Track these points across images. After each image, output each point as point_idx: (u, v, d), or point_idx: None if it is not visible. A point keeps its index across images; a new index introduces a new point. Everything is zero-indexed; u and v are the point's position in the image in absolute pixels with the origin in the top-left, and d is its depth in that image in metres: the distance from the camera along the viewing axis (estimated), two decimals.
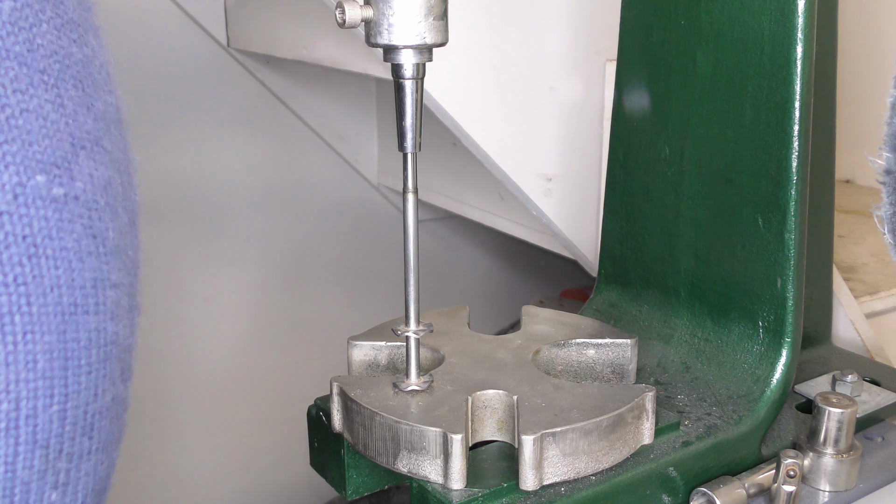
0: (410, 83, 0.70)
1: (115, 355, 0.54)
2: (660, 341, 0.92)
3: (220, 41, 1.75)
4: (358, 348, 0.85)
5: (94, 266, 0.51)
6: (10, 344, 0.47)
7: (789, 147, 0.80)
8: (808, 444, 0.82)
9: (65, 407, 0.50)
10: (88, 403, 0.52)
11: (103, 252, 0.51)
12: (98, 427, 0.54)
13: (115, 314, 0.53)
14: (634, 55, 0.93)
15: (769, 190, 0.82)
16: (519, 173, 1.25)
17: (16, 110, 0.46)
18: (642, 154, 0.93)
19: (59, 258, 0.49)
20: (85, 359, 0.51)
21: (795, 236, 0.81)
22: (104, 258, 0.51)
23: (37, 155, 0.47)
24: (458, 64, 1.16)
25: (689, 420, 0.82)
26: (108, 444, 0.56)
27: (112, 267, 0.52)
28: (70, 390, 0.50)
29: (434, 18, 0.68)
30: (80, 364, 0.51)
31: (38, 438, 0.49)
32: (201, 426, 1.95)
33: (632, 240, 0.96)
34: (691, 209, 0.89)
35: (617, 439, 0.73)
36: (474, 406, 0.74)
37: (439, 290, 2.06)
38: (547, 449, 0.69)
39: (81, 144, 0.49)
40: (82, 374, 0.51)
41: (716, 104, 0.85)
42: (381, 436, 0.72)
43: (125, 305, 0.54)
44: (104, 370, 0.53)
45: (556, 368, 0.85)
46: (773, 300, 0.83)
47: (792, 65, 0.78)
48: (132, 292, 0.56)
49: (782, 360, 0.83)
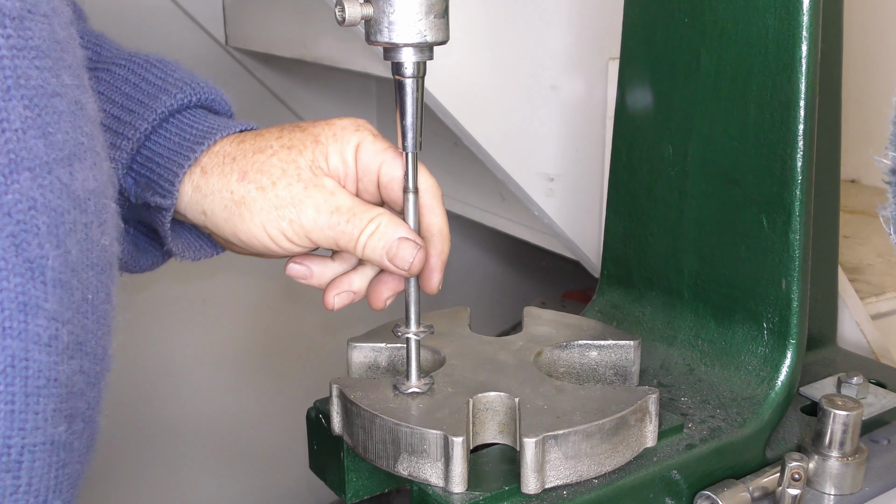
0: (411, 82, 0.70)
1: (51, 394, 0.52)
2: (663, 343, 0.92)
3: (219, 39, 1.75)
4: (358, 350, 0.85)
5: (20, 289, 0.49)
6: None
7: (794, 146, 0.80)
8: (814, 446, 0.82)
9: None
10: (12, 437, 0.49)
11: (37, 278, 0.50)
12: (29, 467, 0.51)
13: (50, 347, 0.51)
14: (638, 53, 0.93)
15: (774, 190, 0.82)
16: (520, 173, 1.25)
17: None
18: (645, 153, 0.93)
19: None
20: (3, 385, 0.49)
21: (800, 237, 0.81)
22: (36, 284, 0.50)
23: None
24: (460, 62, 1.16)
25: (693, 423, 0.81)
26: (46, 490, 0.54)
27: (50, 298, 0.51)
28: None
29: (435, 16, 0.68)
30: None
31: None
32: (199, 428, 1.95)
33: (635, 240, 0.96)
34: (695, 209, 0.89)
35: (620, 442, 0.73)
36: (475, 408, 0.74)
37: (440, 292, 2.06)
38: (549, 452, 0.69)
39: (26, 166, 0.49)
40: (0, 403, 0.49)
41: (720, 103, 0.85)
42: (382, 438, 0.72)
43: (65, 342, 0.52)
44: (31, 405, 0.50)
45: (559, 370, 0.85)
46: (778, 301, 0.83)
47: (797, 63, 0.78)
48: (83, 337, 0.54)
49: (787, 362, 0.83)
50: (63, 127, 0.52)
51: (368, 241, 0.71)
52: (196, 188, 0.70)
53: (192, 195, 0.71)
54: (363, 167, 0.73)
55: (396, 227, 0.71)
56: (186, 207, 0.72)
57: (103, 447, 1.93)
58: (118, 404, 1.81)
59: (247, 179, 0.70)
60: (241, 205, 0.70)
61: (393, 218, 0.72)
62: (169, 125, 0.71)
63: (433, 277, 0.76)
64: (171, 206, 0.71)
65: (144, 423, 1.87)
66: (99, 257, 0.56)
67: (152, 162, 0.70)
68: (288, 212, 0.70)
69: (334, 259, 0.78)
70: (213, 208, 0.70)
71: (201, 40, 1.76)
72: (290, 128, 0.73)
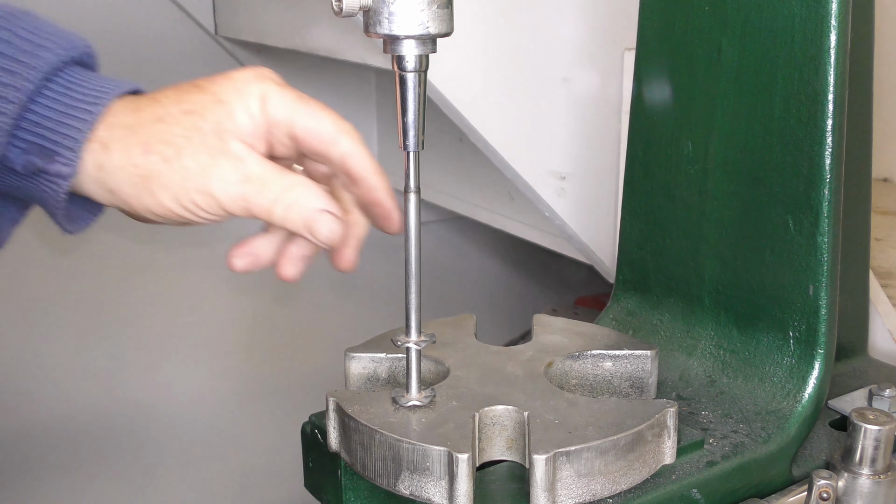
0: (413, 76, 0.70)
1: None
2: (682, 353, 0.92)
3: (208, 28, 1.76)
4: (356, 361, 0.85)
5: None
6: None
7: (822, 143, 0.80)
8: (843, 463, 0.82)
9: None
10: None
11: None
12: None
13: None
14: (655, 43, 0.93)
15: (800, 189, 0.82)
16: (530, 171, 1.26)
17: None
18: (663, 150, 0.93)
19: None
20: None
21: (829, 239, 0.81)
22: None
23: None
24: (465, 54, 1.17)
25: (714, 438, 0.82)
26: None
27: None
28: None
29: (438, 6, 0.68)
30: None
31: None
32: (186, 445, 1.95)
33: (652, 243, 0.96)
34: (716, 210, 0.89)
35: (636, 459, 0.73)
36: (482, 423, 0.75)
37: (444, 298, 2.06)
38: (560, 469, 0.69)
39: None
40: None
41: (743, 97, 0.85)
42: (381, 455, 0.72)
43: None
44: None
45: (571, 382, 0.86)
46: (805, 308, 0.83)
47: (825, 54, 0.79)
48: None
49: (815, 374, 0.83)
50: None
51: (286, 213, 0.70)
52: (99, 167, 0.69)
53: (96, 174, 0.70)
54: (272, 121, 0.72)
55: (314, 197, 0.71)
56: (91, 187, 0.70)
57: (86, 460, 1.94)
58: (101, 418, 1.82)
59: (151, 151, 0.69)
60: (149, 179, 0.69)
61: (309, 186, 0.71)
62: (54, 84, 0.69)
63: (391, 216, 0.75)
64: (72, 174, 0.69)
65: (128, 439, 1.87)
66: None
67: (42, 127, 0.68)
68: (197, 183, 0.69)
69: (269, 231, 0.77)
70: (120, 185, 0.70)
71: (189, 30, 1.76)
72: (188, 88, 0.72)
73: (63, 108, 0.68)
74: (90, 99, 0.69)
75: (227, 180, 0.70)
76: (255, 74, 0.73)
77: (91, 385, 1.81)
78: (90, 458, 1.84)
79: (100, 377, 1.82)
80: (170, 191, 0.69)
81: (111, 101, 0.70)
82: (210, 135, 0.70)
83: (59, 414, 1.80)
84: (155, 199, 0.70)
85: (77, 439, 1.82)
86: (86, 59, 0.72)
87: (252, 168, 0.70)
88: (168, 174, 0.69)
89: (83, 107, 0.69)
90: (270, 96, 0.72)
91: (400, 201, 0.75)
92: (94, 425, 1.83)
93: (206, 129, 0.70)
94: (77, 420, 1.82)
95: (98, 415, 1.83)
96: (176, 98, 0.72)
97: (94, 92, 0.69)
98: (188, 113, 0.71)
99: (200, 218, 0.71)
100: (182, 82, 0.73)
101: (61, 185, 0.69)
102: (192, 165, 0.69)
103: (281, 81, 0.73)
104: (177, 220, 0.72)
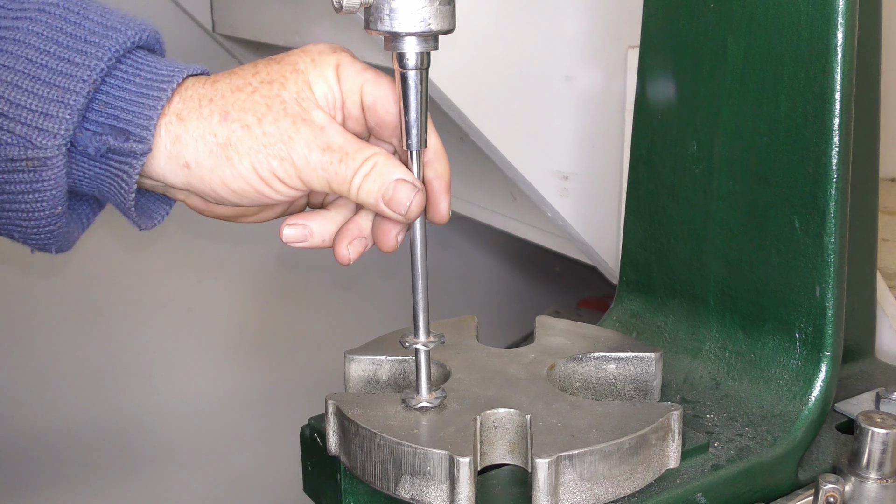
0: (414, 74, 0.71)
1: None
2: (687, 355, 0.92)
3: (205, 26, 1.76)
4: (356, 363, 0.85)
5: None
6: None
7: (829, 142, 0.80)
8: (850, 467, 0.82)
9: None
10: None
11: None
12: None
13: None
14: (659, 41, 0.93)
15: (807, 189, 0.82)
16: (532, 171, 1.26)
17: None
18: (668, 150, 0.94)
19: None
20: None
21: (835, 240, 0.81)
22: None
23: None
24: (466, 52, 1.17)
25: (719, 441, 0.82)
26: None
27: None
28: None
29: (440, 3, 0.68)
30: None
31: None
32: (184, 448, 1.95)
33: (656, 244, 0.96)
34: (721, 210, 0.89)
35: (640, 463, 0.73)
36: (483, 426, 0.75)
37: (445, 299, 2.06)
38: (563, 473, 0.69)
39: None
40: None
41: (748, 95, 0.85)
42: (382, 459, 0.72)
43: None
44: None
45: (574, 385, 0.86)
46: (812, 310, 0.83)
47: (832, 52, 0.79)
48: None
49: (821, 376, 0.83)
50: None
51: (363, 183, 0.71)
52: (175, 139, 0.69)
53: (171, 148, 0.70)
54: (346, 90, 0.73)
55: (393, 167, 0.72)
56: (165, 166, 0.70)
57: (84, 466, 1.94)
58: (97, 420, 1.82)
59: (229, 118, 0.69)
60: (228, 146, 0.69)
61: (389, 158, 0.72)
62: (124, 65, 0.69)
63: (440, 203, 0.76)
64: (146, 152, 0.69)
65: (124, 441, 1.87)
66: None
67: (114, 107, 0.68)
68: (278, 149, 0.69)
69: (329, 209, 0.77)
70: (198, 156, 0.70)
71: (186, 27, 1.76)
72: (265, 62, 0.74)
73: (135, 87, 0.69)
74: (162, 77, 0.70)
75: (309, 147, 0.70)
76: (330, 47, 0.74)
77: (88, 389, 1.81)
78: (88, 463, 1.84)
79: (97, 381, 1.82)
80: (249, 158, 0.69)
81: (183, 79, 0.71)
82: (291, 102, 0.71)
83: (56, 420, 1.80)
84: (233, 167, 0.70)
85: (75, 444, 1.82)
86: (154, 45, 0.72)
87: (333, 137, 0.71)
88: (248, 141, 0.69)
89: (155, 84, 0.69)
90: (344, 66, 0.73)
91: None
92: (92, 430, 1.83)
93: (287, 97, 0.71)
94: (75, 425, 1.82)
95: (96, 419, 1.83)
96: (253, 70, 0.73)
97: (165, 72, 0.70)
98: (268, 82, 0.71)
99: (276, 191, 0.71)
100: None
101: (134, 166, 0.69)
102: (273, 132, 0.70)
103: (353, 54, 0.74)
104: (250, 195, 0.71)
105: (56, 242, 0.72)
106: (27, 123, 0.65)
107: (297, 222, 0.76)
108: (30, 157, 0.66)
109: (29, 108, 0.65)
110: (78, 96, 0.66)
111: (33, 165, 0.66)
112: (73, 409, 1.81)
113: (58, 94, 0.66)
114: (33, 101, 0.65)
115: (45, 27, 0.68)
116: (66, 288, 1.76)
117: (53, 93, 0.66)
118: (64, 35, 0.68)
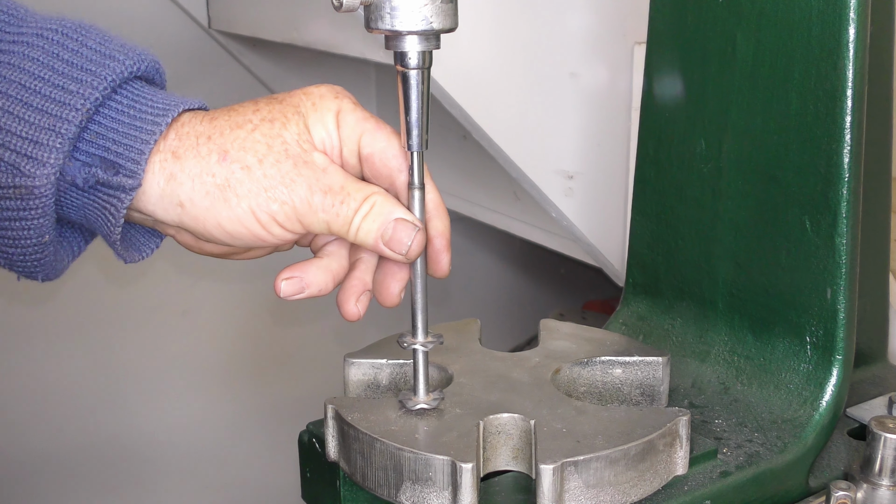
0: (416, 73, 0.71)
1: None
2: (695, 359, 0.92)
3: (201, 22, 1.76)
4: (355, 367, 0.85)
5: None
6: None
7: (840, 140, 0.80)
8: (862, 474, 0.82)
9: None
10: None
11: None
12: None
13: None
14: (666, 37, 0.93)
15: (818, 189, 0.82)
16: (536, 170, 1.26)
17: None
18: (675, 148, 0.94)
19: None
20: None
21: (847, 241, 0.81)
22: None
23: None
24: (469, 49, 1.17)
25: (728, 447, 0.82)
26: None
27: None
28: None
29: (441, 0, 0.68)
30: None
31: None
32: (178, 452, 1.95)
33: (663, 245, 0.96)
34: (730, 210, 0.89)
35: (647, 469, 0.73)
36: (486, 432, 0.75)
37: (447, 302, 2.07)
38: (568, 480, 0.70)
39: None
40: None
41: (758, 92, 0.85)
42: (382, 465, 0.72)
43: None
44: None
45: (579, 390, 0.86)
46: (822, 313, 0.83)
47: (843, 48, 0.79)
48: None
49: (832, 381, 0.83)
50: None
51: (362, 223, 0.71)
52: (170, 177, 0.69)
53: (164, 186, 0.69)
54: (344, 137, 0.73)
55: (392, 206, 0.72)
56: (157, 203, 0.70)
57: (75, 472, 1.94)
58: (90, 424, 1.82)
59: (229, 159, 0.69)
60: (226, 188, 0.69)
61: (388, 197, 0.72)
62: (119, 96, 0.69)
63: (441, 259, 0.76)
64: (136, 187, 0.68)
65: (117, 446, 1.87)
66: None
67: (106, 139, 0.68)
68: (279, 192, 0.69)
69: (322, 257, 0.77)
70: (193, 196, 0.69)
71: (181, 23, 1.76)
72: (266, 100, 0.73)
73: (129, 118, 0.68)
74: (157, 111, 0.69)
75: (312, 189, 0.70)
76: (331, 91, 0.74)
77: (83, 396, 1.81)
78: (87, 476, 1.84)
79: (92, 387, 1.82)
80: (248, 201, 0.69)
81: (179, 114, 0.70)
82: (293, 144, 0.71)
83: (53, 437, 1.80)
84: (230, 210, 0.69)
85: (73, 460, 1.82)
86: (153, 75, 0.72)
87: (334, 178, 0.71)
88: (248, 183, 0.69)
89: (150, 118, 0.69)
90: (344, 114, 0.73)
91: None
92: (87, 436, 1.83)
93: (289, 138, 0.71)
94: (73, 441, 1.82)
95: (92, 423, 1.83)
96: (254, 107, 0.72)
97: (160, 105, 0.70)
98: (269, 121, 0.71)
99: (273, 235, 0.71)
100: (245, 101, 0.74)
101: (123, 200, 0.69)
102: (274, 174, 0.69)
103: (355, 101, 0.74)
104: (247, 238, 0.71)
105: (43, 270, 0.72)
106: (16, 150, 0.65)
107: (293, 275, 0.75)
108: (17, 184, 0.65)
109: (19, 134, 0.65)
110: (70, 125, 0.66)
111: (21, 193, 0.66)
112: (72, 424, 1.81)
113: (49, 122, 0.66)
114: (24, 128, 0.65)
115: (41, 53, 0.67)
116: (63, 307, 1.76)
117: (45, 120, 0.65)
118: (60, 62, 0.68)
